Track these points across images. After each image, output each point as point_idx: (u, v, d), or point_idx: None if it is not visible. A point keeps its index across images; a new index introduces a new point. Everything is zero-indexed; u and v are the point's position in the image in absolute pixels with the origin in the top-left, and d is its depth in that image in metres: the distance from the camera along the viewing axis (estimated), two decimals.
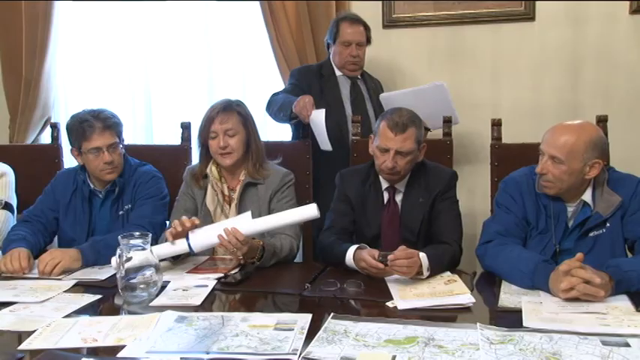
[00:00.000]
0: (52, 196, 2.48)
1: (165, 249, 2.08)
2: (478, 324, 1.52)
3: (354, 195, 2.27)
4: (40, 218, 2.44)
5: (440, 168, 2.29)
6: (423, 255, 1.90)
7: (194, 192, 2.38)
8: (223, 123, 2.27)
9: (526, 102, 3.27)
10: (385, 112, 2.23)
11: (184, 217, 2.09)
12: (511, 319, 1.56)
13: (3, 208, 2.58)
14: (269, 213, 2.26)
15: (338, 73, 3.03)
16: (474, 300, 1.71)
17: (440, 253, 1.99)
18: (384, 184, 2.25)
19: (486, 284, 1.89)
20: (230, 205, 2.33)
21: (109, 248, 2.05)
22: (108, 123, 2.36)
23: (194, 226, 2.07)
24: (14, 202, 2.65)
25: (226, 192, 2.34)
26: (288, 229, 2.24)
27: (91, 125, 2.33)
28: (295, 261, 2.35)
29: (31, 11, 3.69)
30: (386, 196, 2.25)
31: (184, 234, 2.06)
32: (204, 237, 2.06)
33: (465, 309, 1.68)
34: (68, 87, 3.92)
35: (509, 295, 1.75)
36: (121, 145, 2.43)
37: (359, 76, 3.07)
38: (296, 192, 2.39)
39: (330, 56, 3.06)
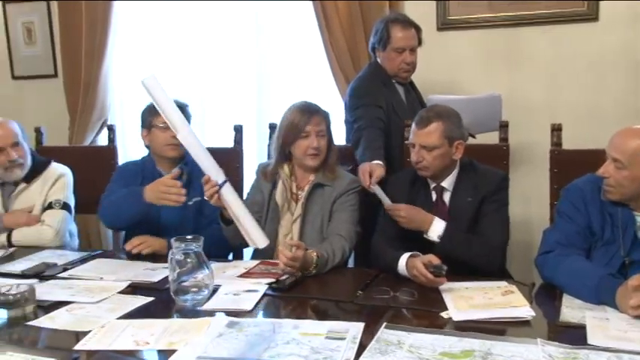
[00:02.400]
0: (124, 181, 2.51)
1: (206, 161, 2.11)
2: (539, 339, 1.45)
3: (403, 197, 2.24)
4: None
5: (490, 170, 2.24)
6: (439, 221, 2.03)
7: (262, 185, 2.42)
8: (318, 124, 2.31)
9: (586, 106, 3.15)
10: (420, 110, 2.24)
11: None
12: (574, 336, 1.48)
13: (61, 208, 2.65)
14: (330, 214, 2.31)
15: (391, 80, 2.89)
16: (533, 313, 1.63)
17: (464, 236, 2.02)
18: (432, 184, 2.23)
19: (546, 297, 1.80)
20: (296, 203, 2.35)
21: None
22: (179, 104, 2.39)
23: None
24: (72, 203, 2.71)
25: (294, 190, 2.37)
26: (344, 230, 2.25)
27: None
28: (347, 266, 2.33)
29: (91, 14, 3.77)
30: (433, 195, 2.23)
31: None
32: (233, 201, 2.09)
33: (523, 322, 1.60)
34: (124, 90, 3.99)
35: (572, 310, 1.66)
36: None
37: (409, 83, 2.95)
38: None
39: (379, 60, 2.86)
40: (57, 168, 2.75)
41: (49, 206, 2.64)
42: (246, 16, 3.68)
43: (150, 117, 2.51)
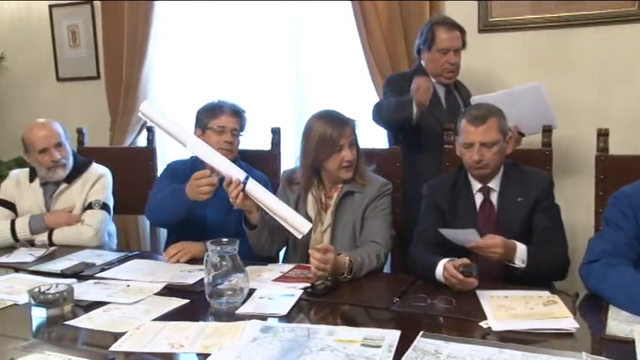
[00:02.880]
0: (170, 181, 2.50)
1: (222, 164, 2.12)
2: (584, 353, 1.40)
3: (444, 202, 2.22)
4: None
5: (536, 170, 2.23)
6: (520, 245, 1.94)
7: (287, 194, 2.39)
8: (350, 135, 2.27)
9: (637, 111, 3.03)
10: (465, 110, 2.21)
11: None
12: (622, 351, 1.42)
13: (101, 208, 2.68)
14: (363, 221, 2.26)
15: (432, 80, 2.88)
16: (577, 325, 1.57)
17: (542, 252, 1.96)
18: (477, 185, 2.20)
19: (591, 308, 1.74)
20: (326, 212, 2.32)
21: None
22: (238, 109, 2.54)
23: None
24: (111, 203, 2.75)
25: (323, 199, 2.34)
26: (378, 236, 2.21)
27: (223, 107, 2.52)
28: (384, 271, 2.29)
29: (133, 15, 3.81)
30: (480, 197, 2.20)
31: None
32: (262, 193, 2.10)
33: (566, 334, 1.55)
34: (163, 92, 4.03)
35: (619, 323, 1.58)
36: (241, 136, 2.56)
37: (453, 84, 2.94)
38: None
39: (422, 62, 2.90)
40: (97, 169, 2.79)
41: (89, 206, 2.67)
42: (285, 17, 3.68)
43: (206, 118, 2.52)
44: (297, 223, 2.05)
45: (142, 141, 3.96)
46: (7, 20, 4.45)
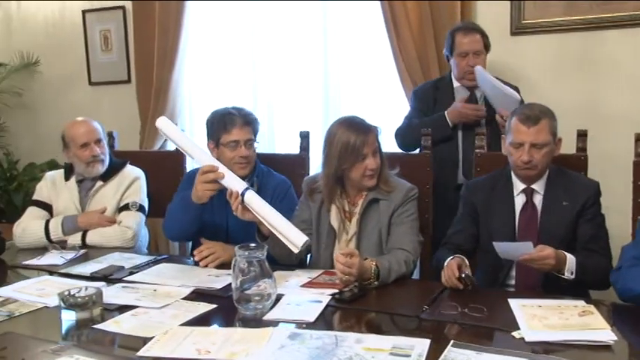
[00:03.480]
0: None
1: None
2: None
3: (481, 202, 2.21)
4: None
5: (582, 177, 2.23)
6: (569, 256, 1.92)
7: (309, 204, 2.35)
8: (373, 143, 2.20)
9: None
10: (516, 109, 2.18)
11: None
12: None
13: (138, 210, 2.72)
14: (389, 227, 2.22)
15: (456, 84, 2.93)
16: (614, 337, 1.52)
17: (589, 262, 1.95)
18: (520, 186, 2.18)
19: (628, 319, 1.68)
20: (350, 221, 2.28)
21: None
22: (248, 119, 2.47)
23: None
24: (146, 205, 2.78)
25: (346, 208, 2.29)
26: (406, 242, 2.17)
27: (233, 119, 2.43)
28: (413, 278, 2.26)
29: (164, 16, 3.84)
30: (522, 198, 2.18)
31: None
32: (260, 205, 2.09)
33: (603, 347, 1.49)
34: (193, 95, 4.06)
35: None
36: (256, 143, 2.50)
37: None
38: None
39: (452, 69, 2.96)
40: (132, 170, 2.83)
41: (126, 207, 2.71)
42: (314, 19, 3.67)
43: (217, 132, 2.46)
44: (292, 236, 2.02)
45: (171, 145, 3.97)
46: (42, 26, 4.53)
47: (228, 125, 2.43)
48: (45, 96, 4.62)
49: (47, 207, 2.77)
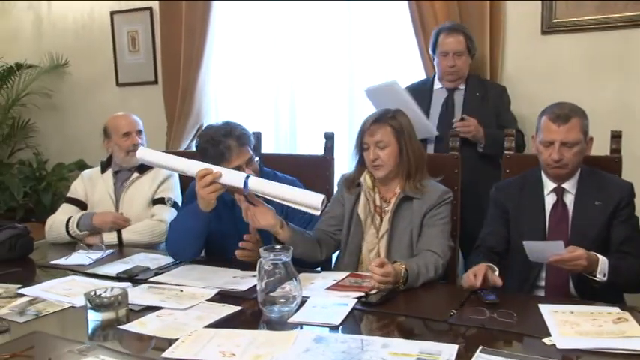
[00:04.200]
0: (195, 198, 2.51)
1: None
2: None
3: (510, 202, 2.20)
4: None
5: (615, 177, 2.20)
6: (602, 257, 1.89)
7: (344, 198, 2.36)
8: (373, 135, 2.23)
9: None
10: (546, 108, 2.16)
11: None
12: None
13: (172, 206, 2.77)
14: (421, 229, 2.21)
15: (437, 85, 2.99)
16: None
17: (622, 264, 1.91)
18: (550, 186, 2.16)
19: None
20: (382, 218, 2.28)
21: None
22: (242, 140, 2.33)
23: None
24: (180, 202, 2.81)
25: (378, 203, 2.30)
26: (436, 245, 2.15)
27: (228, 147, 2.28)
28: (441, 281, 2.21)
29: (191, 16, 3.86)
30: (553, 197, 2.15)
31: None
32: (266, 186, 2.07)
33: (638, 356, 1.45)
34: (219, 96, 4.07)
35: None
36: (256, 158, 2.40)
37: (462, 87, 2.96)
38: None
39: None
40: None
41: (161, 201, 2.76)
42: (339, 19, 3.65)
43: (219, 162, 2.26)
44: (309, 200, 2.01)
45: None
46: (71, 27, 4.60)
47: (225, 155, 2.29)
48: (74, 97, 4.68)
49: (81, 204, 2.84)
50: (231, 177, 2.10)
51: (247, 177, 2.08)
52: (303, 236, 2.23)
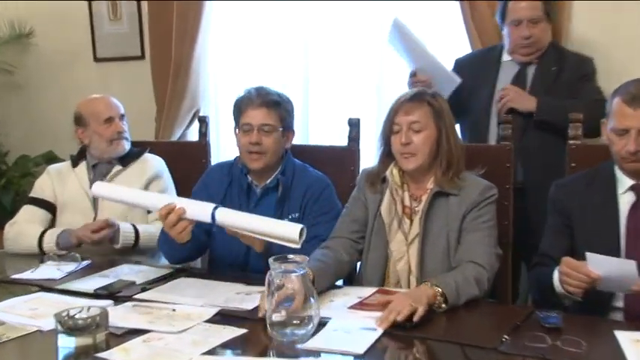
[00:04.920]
0: (205, 194, 2.54)
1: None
2: None
3: (576, 205, 2.19)
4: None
5: None
6: None
7: (367, 197, 2.37)
8: (408, 114, 2.24)
9: None
10: (619, 87, 2.13)
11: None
12: None
13: None
14: (460, 233, 2.21)
15: (506, 58, 2.97)
16: None
17: None
18: (627, 183, 2.14)
19: None
20: (411, 220, 2.28)
21: None
22: (267, 99, 2.50)
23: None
24: None
25: (407, 202, 2.30)
26: (479, 255, 2.14)
27: (250, 98, 2.51)
28: (489, 300, 2.24)
29: None
30: (630, 197, 2.14)
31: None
32: (236, 217, 2.12)
33: None
34: (219, 74, 4.10)
35: None
36: (280, 132, 2.51)
37: (537, 61, 2.93)
38: None
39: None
40: (155, 159, 2.99)
41: None
42: None
43: (236, 113, 2.57)
44: (286, 233, 2.03)
45: (193, 134, 4.02)
46: None
47: (242, 105, 2.52)
48: (41, 74, 4.68)
49: (48, 206, 2.88)
50: (197, 210, 2.17)
51: (215, 208, 2.12)
52: (326, 266, 2.18)
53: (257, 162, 2.49)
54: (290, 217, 2.47)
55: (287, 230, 2.03)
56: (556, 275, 1.99)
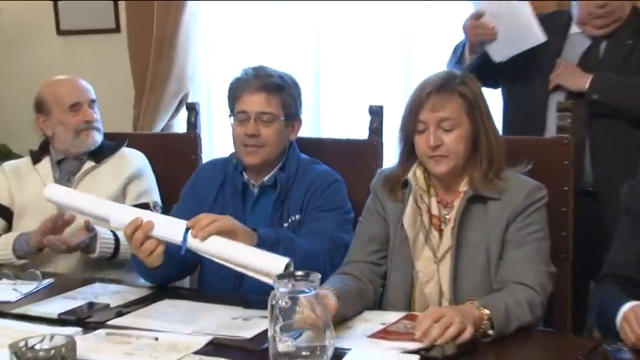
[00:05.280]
0: (194, 196, 2.58)
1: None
2: None
3: None
4: None
5: None
6: None
7: (385, 207, 2.35)
8: (436, 110, 2.20)
9: None
10: None
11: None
12: None
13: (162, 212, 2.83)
14: (502, 245, 2.19)
15: (574, 30, 2.94)
16: None
17: None
18: None
19: None
20: (441, 232, 2.27)
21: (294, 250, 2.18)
22: (266, 82, 2.51)
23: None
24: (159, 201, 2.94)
25: (436, 210, 2.29)
26: (529, 275, 2.13)
27: (246, 81, 2.54)
28: (542, 329, 2.23)
29: None
30: None
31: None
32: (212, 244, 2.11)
33: None
34: (211, 52, 4.11)
35: None
36: (283, 122, 2.53)
37: (612, 34, 2.89)
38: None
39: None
40: (134, 153, 3.01)
41: (147, 209, 2.78)
42: None
43: (231, 98, 2.60)
44: (269, 266, 2.01)
45: (180, 124, 4.03)
46: None
47: (237, 90, 2.54)
48: None
49: (3, 210, 2.92)
50: (167, 228, 2.18)
51: (188, 230, 2.13)
52: (350, 288, 2.19)
53: (253, 156, 2.51)
54: (290, 219, 2.49)
55: (269, 264, 2.01)
56: (620, 315, 1.94)
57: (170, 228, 2.17)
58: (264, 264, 2.03)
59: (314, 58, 3.89)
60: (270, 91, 2.51)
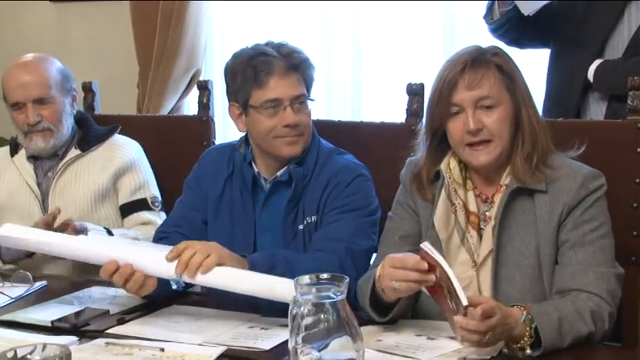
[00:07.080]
0: (198, 189, 2.61)
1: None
2: None
3: None
4: (181, 228, 2.58)
5: None
6: None
7: (417, 204, 2.35)
8: (473, 87, 2.17)
9: None
10: None
11: None
12: None
13: (160, 209, 2.95)
14: (557, 247, 2.16)
15: None
16: None
17: None
18: None
19: None
20: (479, 232, 2.25)
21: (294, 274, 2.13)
22: (295, 60, 2.47)
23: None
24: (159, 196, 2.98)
25: (474, 207, 2.26)
26: (593, 280, 2.09)
27: (270, 63, 2.44)
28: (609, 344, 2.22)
29: None
30: None
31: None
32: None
33: None
34: (225, 22, 4.14)
35: None
36: (309, 102, 2.52)
37: None
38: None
39: None
40: (126, 141, 3.02)
41: (143, 206, 2.90)
42: None
43: (245, 89, 2.49)
44: (281, 292, 2.04)
45: (190, 104, 4.06)
46: None
47: (261, 74, 2.44)
48: None
49: None
50: (153, 263, 2.22)
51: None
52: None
53: (294, 146, 2.49)
54: (306, 221, 2.49)
55: (284, 289, 2.02)
56: None
57: (155, 264, 2.20)
58: (277, 289, 2.09)
59: (352, 33, 3.92)
60: (298, 70, 2.49)
